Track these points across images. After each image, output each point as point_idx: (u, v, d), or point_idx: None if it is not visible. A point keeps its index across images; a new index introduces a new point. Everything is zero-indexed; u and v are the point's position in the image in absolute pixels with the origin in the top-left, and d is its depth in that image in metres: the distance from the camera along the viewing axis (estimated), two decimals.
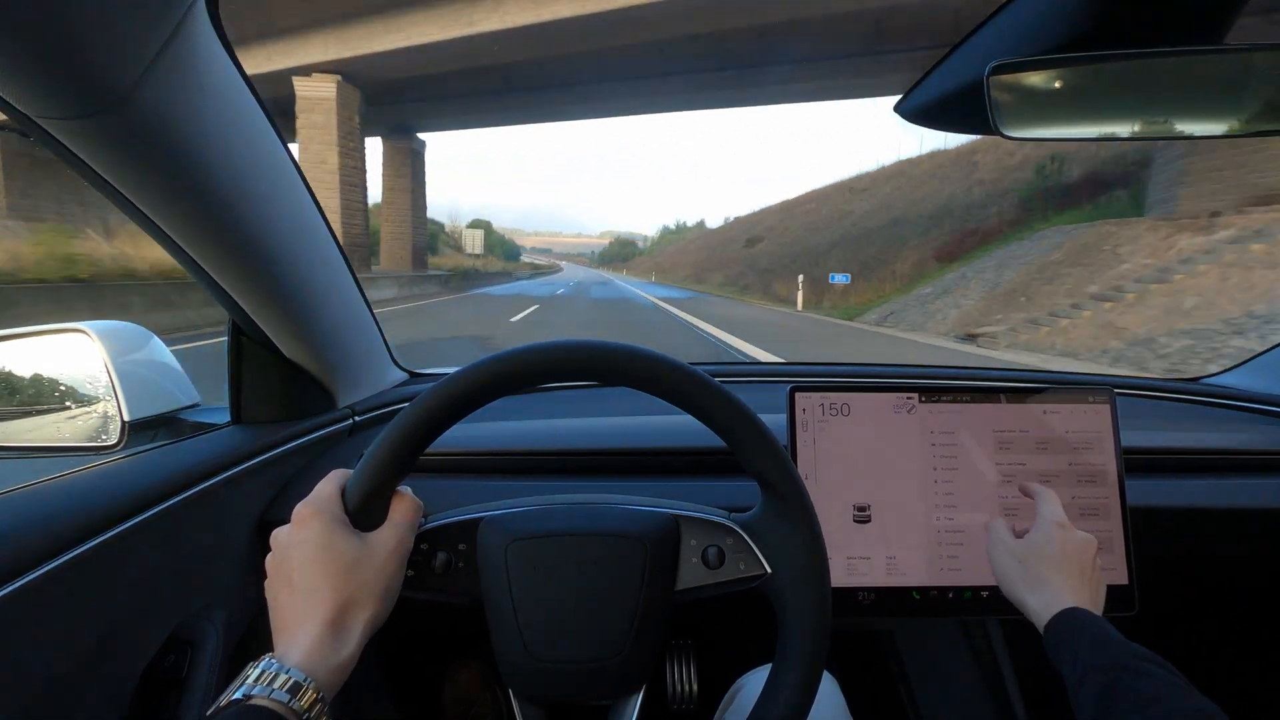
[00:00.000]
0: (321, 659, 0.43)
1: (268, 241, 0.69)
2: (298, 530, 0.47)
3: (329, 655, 0.43)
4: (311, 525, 0.47)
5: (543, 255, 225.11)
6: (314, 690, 0.41)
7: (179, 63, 0.51)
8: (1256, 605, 1.14)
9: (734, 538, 0.53)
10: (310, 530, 0.47)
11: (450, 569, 0.53)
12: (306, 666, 0.42)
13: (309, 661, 0.42)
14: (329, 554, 0.46)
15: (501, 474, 0.91)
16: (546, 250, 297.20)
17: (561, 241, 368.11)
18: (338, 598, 0.45)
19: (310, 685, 0.41)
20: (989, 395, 0.80)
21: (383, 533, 0.49)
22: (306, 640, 0.43)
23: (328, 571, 0.45)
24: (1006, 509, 0.78)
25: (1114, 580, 0.78)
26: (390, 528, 0.50)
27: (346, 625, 0.45)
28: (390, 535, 0.49)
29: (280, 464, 0.82)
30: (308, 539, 0.46)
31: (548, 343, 0.50)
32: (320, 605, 0.45)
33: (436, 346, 8.32)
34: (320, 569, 0.45)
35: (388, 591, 0.48)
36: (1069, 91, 0.57)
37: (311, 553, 0.46)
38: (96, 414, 0.78)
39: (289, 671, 0.41)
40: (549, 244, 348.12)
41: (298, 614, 0.45)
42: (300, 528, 0.47)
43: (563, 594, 0.52)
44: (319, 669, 0.42)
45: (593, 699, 0.55)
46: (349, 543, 0.47)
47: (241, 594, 0.77)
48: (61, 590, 0.54)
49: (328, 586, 0.45)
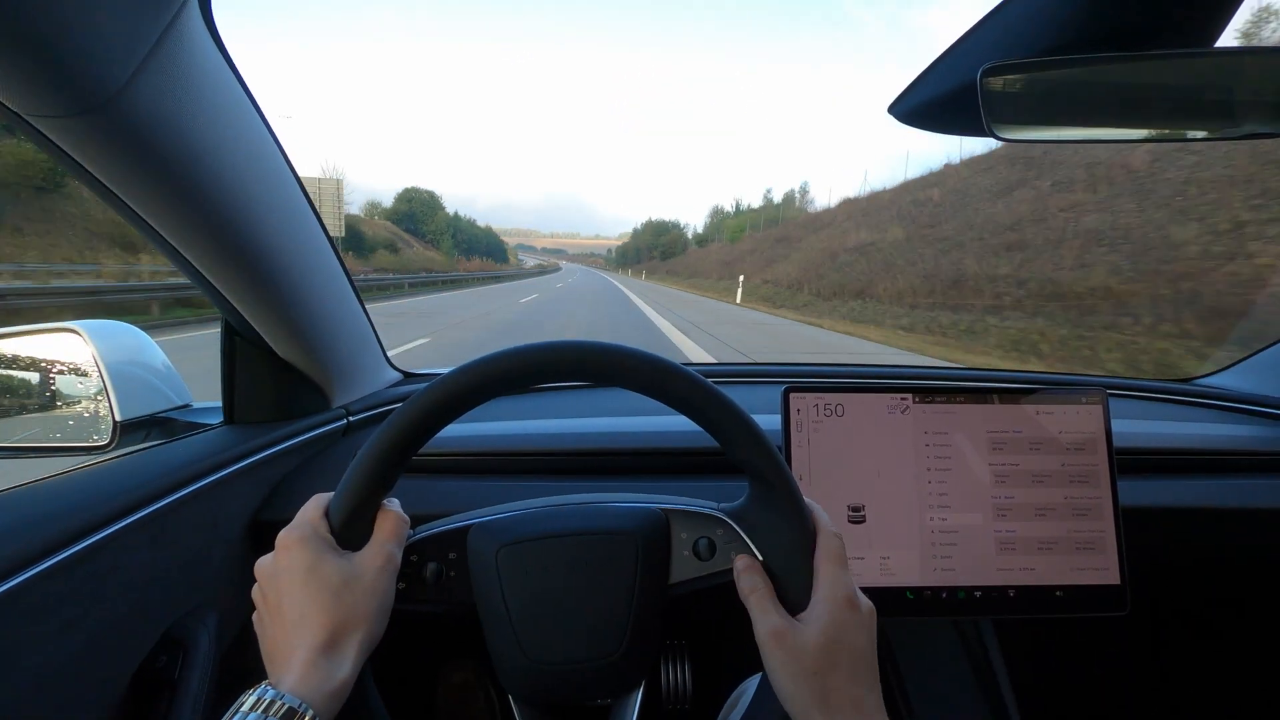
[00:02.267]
0: (317, 684, 0.42)
1: (261, 240, 0.68)
2: (282, 557, 0.46)
3: (324, 680, 0.43)
4: (295, 551, 0.46)
5: (554, 255, 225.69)
6: (310, 716, 0.40)
7: (172, 61, 0.51)
8: (1249, 605, 1.15)
9: (724, 528, 0.53)
10: (294, 556, 0.46)
11: (442, 579, 0.53)
12: (302, 692, 0.41)
13: (304, 687, 0.42)
14: (316, 578, 0.45)
15: (493, 474, 0.91)
16: (560, 251, 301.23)
17: (578, 243, 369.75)
18: (329, 622, 0.44)
19: (306, 711, 0.40)
20: (982, 396, 0.80)
21: (369, 551, 0.48)
22: (300, 666, 0.43)
23: (316, 596, 0.45)
24: (999, 509, 0.78)
25: (1106, 580, 0.78)
26: (377, 545, 0.49)
27: (340, 648, 0.44)
28: (378, 553, 0.48)
29: (273, 464, 0.82)
30: (293, 565, 0.46)
31: (537, 344, 0.50)
32: (311, 631, 0.44)
33: None
34: (308, 594, 0.45)
35: (380, 610, 0.47)
36: (1061, 94, 0.57)
37: (298, 579, 0.45)
38: (88, 414, 0.77)
39: (284, 698, 0.40)
40: (563, 245, 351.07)
41: (289, 641, 0.44)
42: (284, 554, 0.46)
43: (556, 595, 0.52)
44: (315, 694, 0.41)
45: (592, 699, 0.55)
46: (336, 565, 0.46)
47: (234, 595, 0.76)
48: (53, 591, 0.54)
49: (317, 611, 0.44)
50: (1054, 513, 0.79)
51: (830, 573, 0.48)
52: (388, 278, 26.87)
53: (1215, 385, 1.24)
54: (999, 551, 0.78)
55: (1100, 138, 0.64)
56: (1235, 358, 1.26)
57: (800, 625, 0.46)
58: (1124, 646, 1.19)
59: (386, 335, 1.05)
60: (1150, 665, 1.20)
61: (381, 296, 19.99)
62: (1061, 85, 0.57)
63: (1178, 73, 0.54)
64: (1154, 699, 1.20)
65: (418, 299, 20.18)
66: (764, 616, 0.47)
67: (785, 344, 10.76)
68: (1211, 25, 0.52)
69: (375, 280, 23.90)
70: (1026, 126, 0.60)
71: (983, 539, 0.78)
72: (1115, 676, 1.20)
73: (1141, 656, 1.20)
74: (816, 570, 0.48)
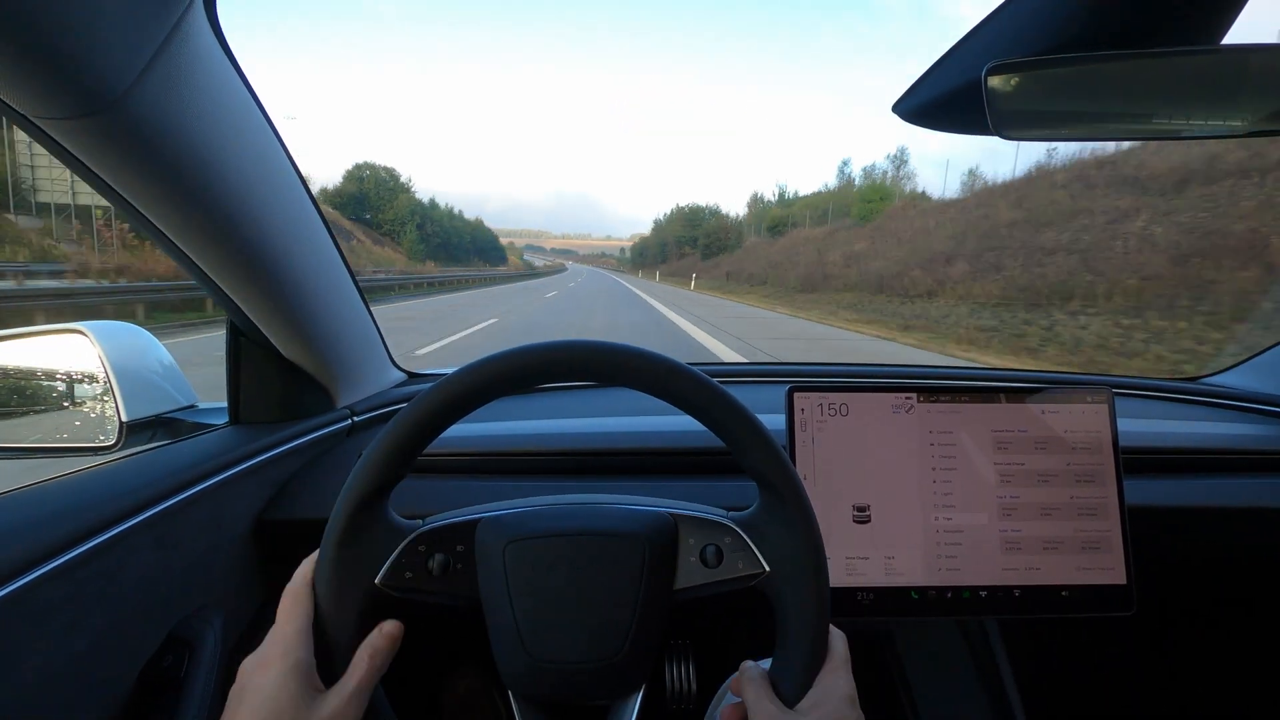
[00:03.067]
0: None
1: (266, 242, 0.69)
2: (259, 674, 0.46)
3: None
4: (269, 673, 0.46)
5: (563, 256, 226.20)
6: None
7: (177, 63, 0.51)
8: (1256, 605, 1.14)
9: (732, 536, 0.53)
10: (266, 679, 0.45)
11: (448, 570, 0.53)
12: None
13: None
14: (272, 716, 0.44)
15: (500, 474, 0.91)
16: (571, 252, 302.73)
17: (589, 244, 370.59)
18: None
19: None
20: (987, 395, 0.80)
21: (333, 700, 0.47)
22: None
23: None
24: (1004, 509, 0.78)
25: (1112, 580, 0.78)
26: (347, 693, 0.47)
27: None
28: (347, 705, 0.47)
29: (279, 464, 0.82)
30: (260, 689, 0.45)
31: (543, 343, 0.50)
32: None
33: None
34: None
35: None
36: (1066, 92, 0.57)
37: (257, 706, 0.44)
38: (94, 414, 0.78)
39: None
40: (574, 245, 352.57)
41: None
42: (261, 671, 0.46)
43: (561, 594, 0.52)
44: None
45: (592, 699, 0.55)
46: (296, 708, 0.45)
47: (239, 594, 0.77)
48: (59, 591, 0.54)
49: None
50: (1059, 512, 0.79)
51: (831, 678, 0.50)
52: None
53: (1221, 384, 1.23)
54: (1004, 551, 0.78)
55: (1105, 136, 0.64)
56: (1242, 357, 1.25)
57: (798, 715, 0.49)
58: (1130, 646, 1.19)
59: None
60: (1156, 665, 1.20)
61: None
62: (1066, 84, 0.56)
63: (1183, 70, 0.54)
64: (1160, 699, 1.20)
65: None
66: (759, 705, 0.49)
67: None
68: (1217, 22, 0.51)
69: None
70: (1031, 125, 0.60)
71: (988, 539, 0.78)
72: (1121, 676, 1.19)
73: (1147, 656, 1.19)
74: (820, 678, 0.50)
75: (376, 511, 0.51)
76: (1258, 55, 0.52)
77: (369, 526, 0.50)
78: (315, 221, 0.79)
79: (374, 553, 0.50)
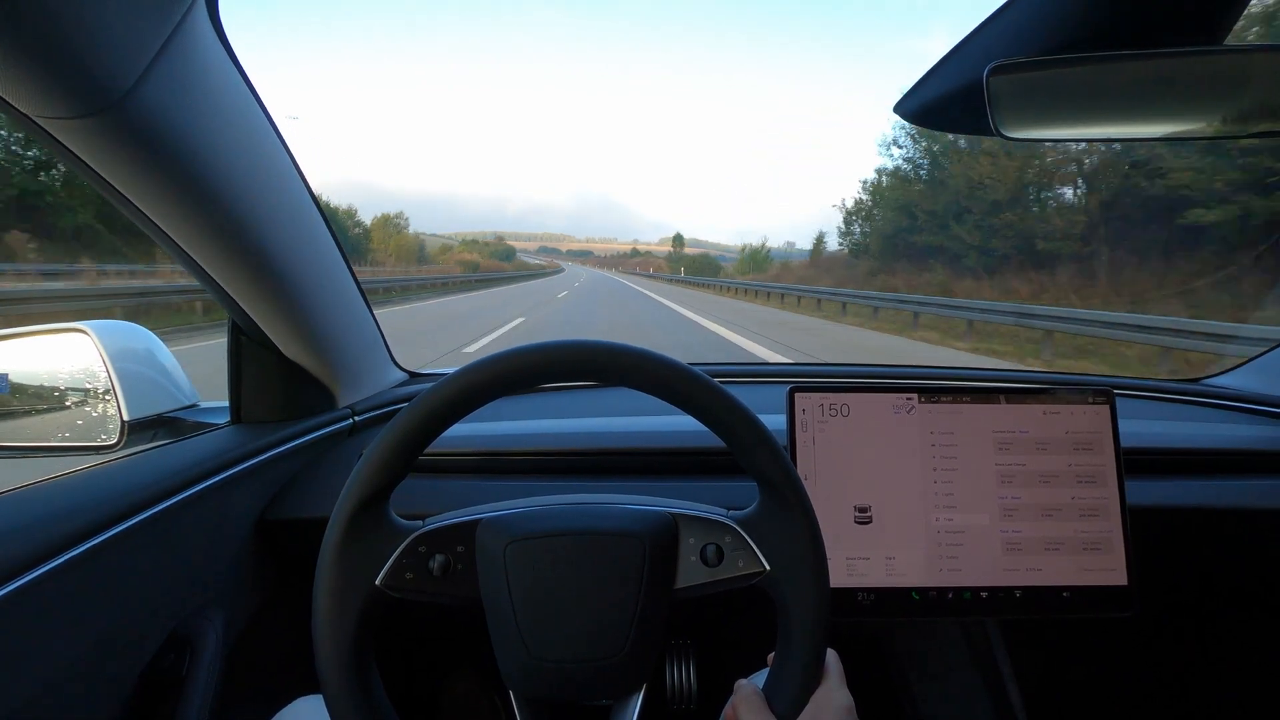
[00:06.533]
0: None
1: (268, 241, 0.69)
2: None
3: None
4: None
5: (579, 259, 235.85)
6: None
7: (179, 63, 0.51)
8: (1258, 605, 1.14)
9: (732, 535, 0.53)
10: None
11: (449, 571, 0.53)
12: None
13: None
14: None
15: (501, 474, 0.91)
16: (587, 254, 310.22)
17: (613, 247, 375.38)
18: None
19: None
20: (989, 396, 0.80)
21: None
22: None
23: None
24: (1006, 509, 0.78)
25: (1113, 581, 0.78)
26: None
27: None
28: None
29: (280, 464, 0.82)
30: None
31: (544, 343, 0.50)
32: None
33: None
34: None
35: None
36: (1068, 92, 0.57)
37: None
38: (96, 414, 0.78)
39: None
40: (596, 249, 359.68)
41: None
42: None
43: (562, 594, 0.52)
44: None
45: (593, 699, 0.55)
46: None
47: (241, 593, 0.77)
48: (61, 590, 0.54)
49: None
50: (1061, 513, 0.79)
51: (826, 693, 0.51)
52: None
53: (1223, 385, 1.23)
54: (1005, 552, 0.78)
55: (1107, 136, 0.63)
56: (1243, 358, 1.25)
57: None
58: (1131, 647, 1.18)
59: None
60: (1157, 666, 1.20)
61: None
62: (1068, 84, 0.56)
63: (1186, 71, 0.54)
64: (1161, 700, 1.20)
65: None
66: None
67: None
68: (1220, 22, 0.51)
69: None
70: (1033, 126, 0.60)
71: (989, 539, 0.78)
72: (1122, 677, 1.19)
73: (1149, 657, 1.19)
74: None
75: (377, 512, 0.51)
76: (1259, 56, 0.52)
77: (370, 527, 0.50)
78: (316, 221, 0.79)
79: (375, 554, 0.50)
